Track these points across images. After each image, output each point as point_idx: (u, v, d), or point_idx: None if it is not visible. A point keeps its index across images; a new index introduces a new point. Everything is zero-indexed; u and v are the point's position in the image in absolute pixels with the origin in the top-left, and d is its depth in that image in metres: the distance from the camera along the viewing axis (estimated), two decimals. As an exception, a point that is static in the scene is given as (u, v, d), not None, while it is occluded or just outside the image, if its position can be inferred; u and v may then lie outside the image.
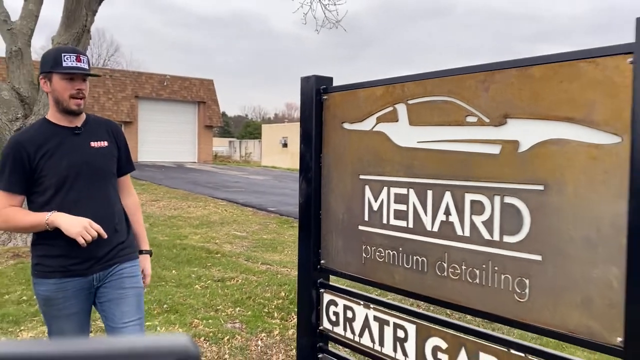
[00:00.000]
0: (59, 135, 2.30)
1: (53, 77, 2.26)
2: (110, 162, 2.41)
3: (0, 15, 6.89)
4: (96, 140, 2.36)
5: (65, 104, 2.27)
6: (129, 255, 2.41)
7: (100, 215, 2.29)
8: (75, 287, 2.29)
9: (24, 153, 2.24)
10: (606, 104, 1.31)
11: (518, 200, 1.49)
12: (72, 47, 2.41)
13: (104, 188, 2.36)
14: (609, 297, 1.30)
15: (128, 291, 2.38)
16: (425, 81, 1.74)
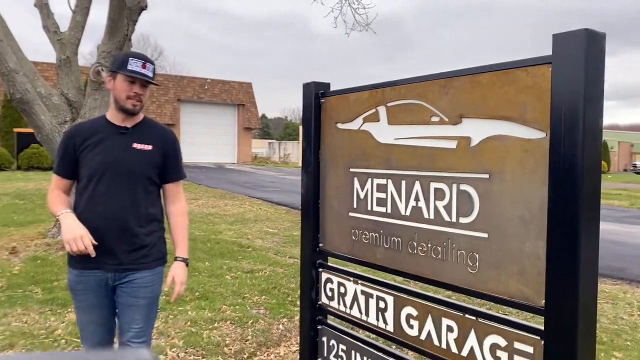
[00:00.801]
0: (105, 132, 2.42)
1: (117, 76, 2.39)
2: (148, 166, 2.45)
3: (51, 27, 7.50)
4: (140, 143, 2.44)
5: (121, 103, 2.40)
6: (148, 264, 2.45)
7: (123, 214, 2.38)
8: (93, 281, 2.39)
9: (72, 142, 2.41)
10: (535, 105, 1.56)
11: (470, 187, 1.76)
12: (142, 54, 2.50)
13: (132, 189, 2.41)
14: (537, 267, 1.56)
15: (141, 300, 2.45)
16: (400, 86, 2.02)
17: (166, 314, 4.51)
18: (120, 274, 2.40)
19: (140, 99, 2.42)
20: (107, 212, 2.36)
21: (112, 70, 2.43)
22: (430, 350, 1.92)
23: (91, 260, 2.28)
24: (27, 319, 4.33)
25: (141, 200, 2.43)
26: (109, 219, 2.36)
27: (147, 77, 2.40)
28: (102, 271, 2.38)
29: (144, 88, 2.43)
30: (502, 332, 1.66)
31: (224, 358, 3.71)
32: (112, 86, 2.42)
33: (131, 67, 2.36)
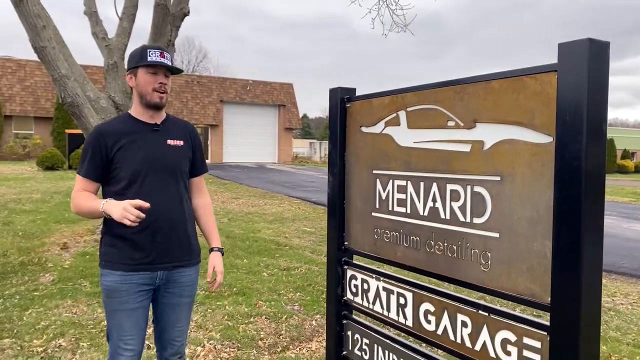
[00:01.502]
0: (138, 130, 2.37)
1: (138, 71, 2.34)
2: (184, 161, 2.47)
3: (99, 33, 7.87)
4: (173, 139, 2.43)
5: (148, 97, 2.34)
6: (193, 260, 2.51)
7: (172, 210, 2.39)
8: (139, 282, 2.34)
9: (103, 143, 2.31)
10: (543, 111, 1.63)
11: (483, 189, 1.84)
12: (156, 45, 2.46)
13: (175, 185, 2.42)
14: (544, 265, 1.63)
15: (185, 299, 2.50)
16: (419, 92, 2.12)
17: (205, 308, 4.71)
18: (170, 272, 2.40)
19: (165, 89, 2.37)
20: (157, 210, 2.30)
21: (132, 67, 2.38)
22: (446, 344, 2.01)
23: (141, 261, 2.31)
24: (76, 310, 4.61)
25: (183, 195, 2.46)
26: (160, 217, 2.34)
27: (169, 65, 2.37)
28: (150, 271, 2.35)
29: (167, 78, 2.39)
30: (512, 328, 1.74)
31: (258, 351, 3.87)
32: (135, 83, 2.38)
33: (150, 57, 2.32)
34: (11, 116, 26.94)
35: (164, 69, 2.37)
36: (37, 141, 26.33)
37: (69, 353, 3.69)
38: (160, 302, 2.47)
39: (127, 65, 2.43)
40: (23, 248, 6.81)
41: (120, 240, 2.32)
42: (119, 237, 2.32)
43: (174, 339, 2.52)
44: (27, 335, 3.98)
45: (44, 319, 4.35)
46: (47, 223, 8.54)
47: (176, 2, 7.25)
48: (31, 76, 27.62)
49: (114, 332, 2.37)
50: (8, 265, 6.00)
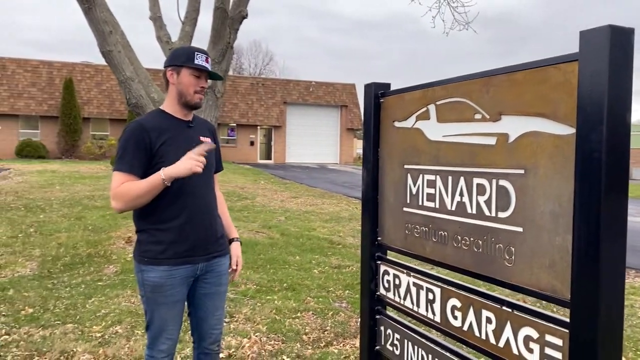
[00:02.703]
0: (176, 126, 2.44)
1: (182, 71, 2.39)
2: (213, 157, 2.57)
3: (163, 37, 8.22)
4: (203, 136, 2.53)
5: (188, 98, 2.41)
6: (225, 250, 2.62)
7: (210, 204, 2.51)
8: (182, 275, 2.42)
9: (147, 137, 2.32)
10: (566, 102, 1.59)
11: (507, 182, 1.81)
12: (202, 49, 2.49)
13: (210, 180, 2.55)
14: (566, 260, 1.58)
15: (222, 287, 2.60)
16: (447, 85, 2.10)
17: (255, 302, 4.84)
18: (209, 263, 2.49)
19: (204, 91, 2.47)
20: (198, 204, 2.41)
21: (176, 65, 2.41)
22: (471, 340, 1.98)
23: (185, 255, 2.40)
24: (134, 300, 4.86)
25: (214, 190, 2.60)
26: (200, 210, 2.43)
27: (212, 72, 2.48)
28: (193, 264, 2.43)
29: (207, 82, 2.50)
30: (535, 324, 1.70)
31: (302, 345, 3.94)
32: (176, 81, 2.42)
33: (197, 61, 2.39)
34: (89, 118, 28.60)
35: (206, 73, 2.47)
36: (112, 142, 27.80)
37: (123, 339, 3.90)
38: (198, 294, 2.54)
39: (169, 60, 2.47)
40: (91, 241, 7.24)
41: (163, 234, 2.37)
42: (161, 231, 2.37)
43: (213, 327, 2.61)
44: (88, 322, 4.25)
45: (104, 307, 4.62)
46: (115, 218, 9.01)
47: (235, 5, 7.46)
48: (107, 80, 29.20)
49: (156, 323, 2.44)
50: (77, 257, 6.41)
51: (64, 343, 3.77)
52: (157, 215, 2.37)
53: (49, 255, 6.44)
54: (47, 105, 27.82)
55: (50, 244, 7.06)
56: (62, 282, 5.41)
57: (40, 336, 3.91)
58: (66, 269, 5.91)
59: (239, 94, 31.57)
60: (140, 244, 2.43)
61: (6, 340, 3.81)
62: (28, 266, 6.00)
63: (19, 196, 11.56)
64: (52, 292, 5.04)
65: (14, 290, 5.04)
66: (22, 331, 4.00)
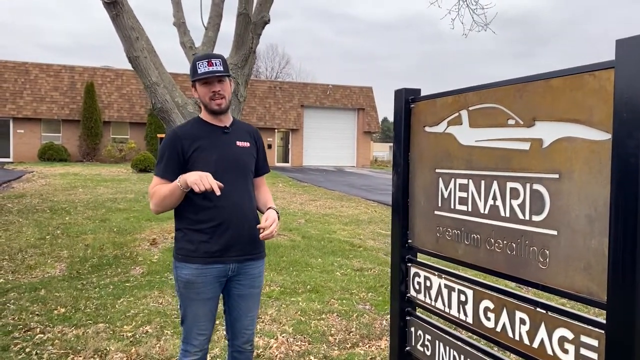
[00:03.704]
0: (211, 132, 2.53)
1: (196, 84, 2.52)
2: (251, 161, 2.64)
3: (187, 43, 8.36)
4: (241, 141, 2.60)
5: (208, 106, 2.51)
6: (261, 253, 2.67)
7: (243, 206, 2.55)
8: (214, 274, 2.50)
9: (179, 145, 2.46)
10: (601, 108, 1.63)
11: (541, 186, 1.85)
12: (204, 54, 2.63)
13: (246, 183, 2.59)
14: (602, 263, 1.62)
15: (255, 290, 2.66)
16: (480, 91, 2.15)
17: (279, 304, 4.91)
18: (241, 264, 2.55)
19: (222, 95, 2.49)
20: (232, 205, 2.48)
21: (192, 81, 2.55)
22: (505, 341, 2.02)
23: (216, 254, 2.47)
24: (162, 300, 4.96)
25: (251, 193, 2.64)
26: (234, 213, 2.50)
27: (215, 72, 2.46)
28: (224, 264, 2.51)
29: (222, 84, 2.50)
30: (570, 326, 1.74)
31: (328, 346, 4.00)
32: (196, 95, 2.57)
33: (200, 70, 2.47)
34: (109, 122, 29.03)
35: (216, 76, 2.49)
36: (132, 145, 28.19)
37: (154, 339, 4.00)
38: (232, 294, 2.63)
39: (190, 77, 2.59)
40: (117, 243, 7.38)
41: (196, 234, 2.48)
42: (194, 231, 2.48)
43: (246, 327, 2.68)
44: (119, 321, 4.35)
45: (133, 308, 4.72)
46: (139, 220, 9.17)
47: (257, 10, 7.57)
48: (127, 84, 29.62)
49: (189, 318, 2.56)
50: (104, 258, 6.55)
51: (97, 342, 3.88)
52: (192, 216, 2.50)
53: (77, 257, 6.59)
54: (68, 109, 28.31)
55: (77, 245, 7.21)
56: (91, 282, 5.54)
57: (73, 335, 4.02)
58: (94, 270, 6.05)
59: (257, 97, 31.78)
60: (177, 242, 2.57)
61: (41, 339, 3.93)
62: (57, 267, 6.15)
63: (43, 199, 11.80)
64: (82, 292, 5.16)
65: (45, 290, 5.17)
66: (56, 330, 4.12)
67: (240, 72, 7.76)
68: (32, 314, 4.46)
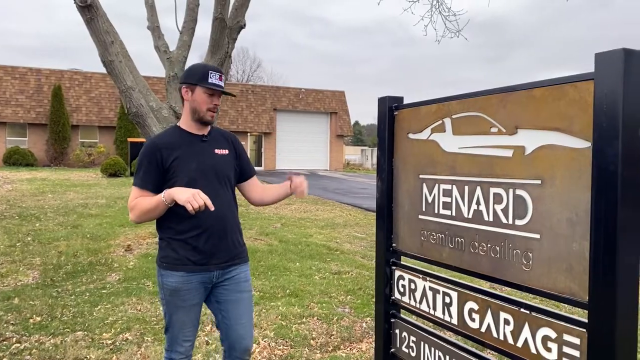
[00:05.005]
0: (189, 141, 2.54)
1: (196, 89, 2.50)
2: (230, 168, 2.65)
3: (161, 47, 8.31)
4: (219, 148, 2.61)
5: (201, 114, 2.52)
6: (244, 258, 2.69)
7: (225, 215, 2.56)
8: (198, 281, 2.53)
9: (158, 155, 2.46)
10: (581, 117, 1.71)
11: (524, 192, 1.93)
12: (216, 67, 2.59)
13: (225, 191, 2.59)
14: (583, 265, 1.70)
15: (244, 294, 2.65)
16: (463, 100, 2.22)
17: (259, 308, 4.92)
18: (224, 271, 2.58)
19: (216, 109, 2.56)
20: (212, 214, 2.45)
21: (191, 83, 2.52)
22: (489, 341, 2.09)
23: (199, 262, 2.50)
24: (140, 307, 4.92)
25: (231, 201, 2.65)
26: (215, 221, 2.52)
27: (224, 89, 2.54)
28: (208, 272, 2.53)
29: (219, 99, 2.58)
30: (552, 325, 1.82)
31: (310, 349, 4.03)
32: (190, 98, 2.53)
33: (211, 80, 2.48)
34: (78, 126, 28.46)
35: (219, 91, 2.55)
36: (101, 149, 27.69)
37: (135, 346, 3.96)
38: (220, 301, 2.62)
39: (184, 77, 2.58)
40: (91, 249, 7.27)
41: (179, 244, 2.50)
42: (177, 241, 2.50)
43: (242, 336, 2.64)
44: (97, 329, 4.30)
45: (111, 315, 4.67)
46: (112, 226, 9.04)
47: (233, 15, 7.57)
48: (96, 87, 29.10)
49: (175, 325, 2.57)
50: (78, 265, 6.44)
51: (76, 350, 3.83)
52: (174, 225, 2.51)
53: (50, 264, 6.47)
54: (35, 113, 27.65)
55: (50, 252, 7.08)
56: (66, 290, 5.45)
57: (51, 344, 3.96)
58: (69, 277, 5.95)
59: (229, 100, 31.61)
60: (160, 250, 2.59)
61: (18, 349, 3.85)
62: (30, 275, 6.02)
63: (11, 205, 11.52)
64: (57, 300, 5.07)
65: (19, 298, 5.07)
66: (33, 339, 4.05)
67: (216, 77, 7.74)
68: (7, 323, 4.37)
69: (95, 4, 6.16)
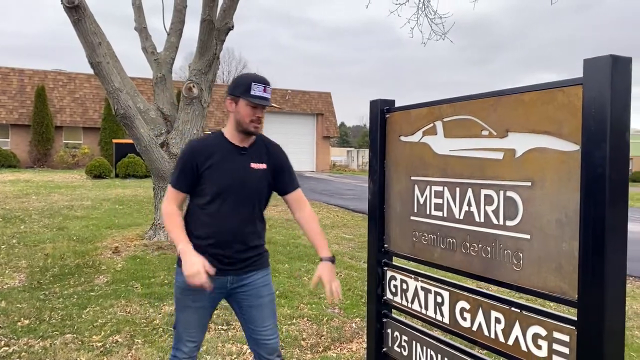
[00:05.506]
0: (227, 152, 2.53)
1: (240, 100, 2.47)
2: (263, 184, 2.60)
3: (149, 48, 8.27)
4: (257, 162, 2.57)
5: (244, 126, 2.49)
6: (262, 264, 2.65)
7: (245, 229, 2.55)
8: (212, 282, 2.44)
9: (194, 160, 2.49)
10: (570, 121, 1.76)
11: (515, 193, 1.98)
12: (262, 78, 2.54)
13: (250, 206, 2.56)
14: (572, 264, 1.75)
15: (265, 298, 2.63)
16: (454, 104, 2.27)
17: (249, 310, 4.93)
18: (239, 277, 2.57)
19: (260, 121, 2.52)
20: (232, 228, 2.50)
21: (235, 95, 2.50)
22: (481, 340, 2.14)
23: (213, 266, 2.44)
24: (129, 309, 4.90)
25: (257, 216, 2.61)
26: (233, 235, 2.53)
27: (268, 102, 2.50)
28: (220, 276, 2.50)
29: (263, 110, 2.54)
30: (543, 323, 1.87)
31: (301, 350, 4.05)
32: (234, 109, 2.51)
33: (254, 92, 2.45)
34: (61, 127, 28.12)
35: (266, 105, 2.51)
36: (85, 151, 27.40)
37: (125, 348, 3.95)
38: (242, 306, 2.62)
39: (230, 89, 2.55)
40: (78, 251, 7.21)
41: (195, 247, 2.46)
42: (194, 245, 2.47)
43: (266, 337, 2.63)
44: (87, 332, 4.28)
45: (100, 317, 4.65)
46: (98, 228, 8.97)
47: (221, 17, 7.56)
48: (80, 88, 28.79)
49: (181, 324, 2.61)
50: (65, 267, 6.39)
51: (66, 353, 3.81)
52: (193, 230, 2.54)
53: (37, 267, 6.40)
54: (17, 114, 27.28)
55: (36, 255, 7.01)
56: (53, 293, 5.40)
57: (40, 347, 3.93)
58: (56, 279, 5.89)
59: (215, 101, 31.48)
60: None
61: (7, 352, 3.82)
62: (16, 278, 5.96)
63: (-5, 207, 11.36)
64: (45, 303, 5.03)
65: (5, 302, 5.02)
66: (22, 342, 4.01)
67: (204, 78, 7.74)
68: (-6, 326, 4.33)
69: (83, 4, 6.12)
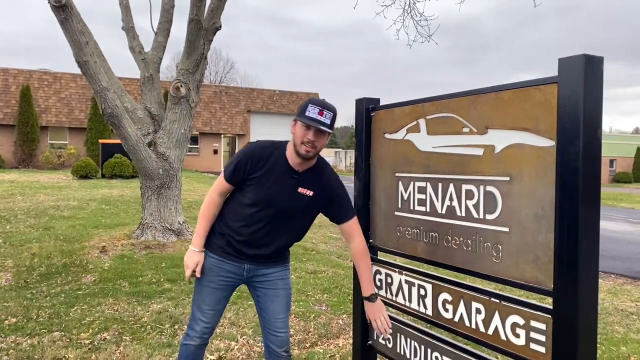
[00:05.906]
0: (280, 170, 2.55)
1: (297, 122, 2.49)
2: (305, 210, 2.63)
3: (136, 48, 8.26)
4: (305, 188, 2.57)
5: (297, 148, 2.49)
6: (281, 261, 2.76)
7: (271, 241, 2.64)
8: (228, 269, 2.66)
9: (249, 162, 2.55)
10: (546, 118, 1.84)
11: (494, 188, 2.05)
12: (321, 101, 2.52)
13: (283, 227, 2.63)
14: (548, 255, 1.83)
15: (280, 292, 2.73)
16: (437, 102, 2.34)
17: (237, 307, 4.97)
18: (255, 267, 2.68)
19: (314, 145, 2.46)
20: (263, 237, 2.62)
21: (296, 116, 2.52)
22: (462, 330, 2.21)
23: (232, 252, 2.65)
24: (117, 307, 4.91)
25: (287, 235, 2.68)
26: (261, 244, 2.64)
27: (322, 125, 2.43)
28: (238, 263, 2.66)
29: (320, 135, 2.46)
30: (521, 312, 1.94)
31: (288, 346, 4.10)
32: (294, 131, 2.53)
33: (308, 114, 2.44)
34: (47, 127, 27.88)
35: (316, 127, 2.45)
36: (71, 151, 27.17)
37: (113, 345, 3.98)
38: (259, 295, 2.75)
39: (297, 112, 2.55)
40: (65, 251, 7.19)
41: (225, 236, 2.67)
42: (224, 234, 2.67)
43: (277, 329, 2.72)
44: (75, 329, 4.29)
45: (88, 315, 4.66)
46: (85, 228, 8.94)
47: (209, 17, 7.59)
48: (66, 88, 28.56)
49: (196, 302, 2.74)
50: (52, 267, 6.37)
51: (54, 350, 3.82)
52: (228, 220, 2.67)
53: (23, 266, 6.38)
54: (2, 114, 27.00)
55: (22, 254, 6.98)
56: (40, 291, 5.40)
57: (28, 344, 3.94)
58: (43, 279, 5.88)
59: (202, 102, 31.41)
60: (210, 232, 2.73)
61: (-6, 350, 3.83)
62: (2, 277, 5.94)
63: (-21, 207, 11.26)
64: (32, 301, 5.03)
65: (-8, 301, 5.01)
66: (9, 340, 4.02)
67: (192, 78, 7.76)
68: (-19, 325, 4.33)
69: (70, 3, 6.12)
